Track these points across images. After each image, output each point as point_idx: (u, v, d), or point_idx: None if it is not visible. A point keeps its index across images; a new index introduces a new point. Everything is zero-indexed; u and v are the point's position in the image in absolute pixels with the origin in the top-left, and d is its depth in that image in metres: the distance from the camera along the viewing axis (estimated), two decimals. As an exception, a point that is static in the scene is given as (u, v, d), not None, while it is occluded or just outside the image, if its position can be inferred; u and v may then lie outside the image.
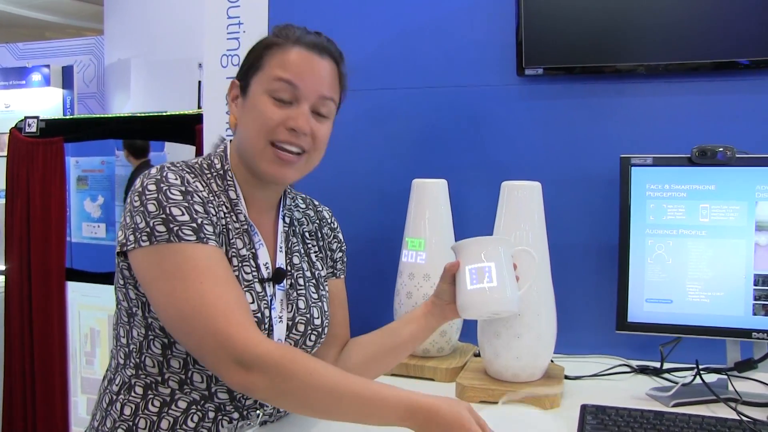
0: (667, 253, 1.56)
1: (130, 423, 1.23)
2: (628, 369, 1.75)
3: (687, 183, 1.55)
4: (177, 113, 2.47)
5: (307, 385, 1.07)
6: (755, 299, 1.52)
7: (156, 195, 1.16)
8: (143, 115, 2.75)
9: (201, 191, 1.20)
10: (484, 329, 1.57)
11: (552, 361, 1.65)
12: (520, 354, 1.51)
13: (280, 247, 1.33)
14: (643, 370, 1.73)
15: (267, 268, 1.28)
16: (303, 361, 1.10)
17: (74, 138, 2.82)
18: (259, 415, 1.29)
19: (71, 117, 2.86)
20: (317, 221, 1.46)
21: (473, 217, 1.78)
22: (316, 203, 1.49)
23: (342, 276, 1.50)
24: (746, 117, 1.74)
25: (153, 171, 1.20)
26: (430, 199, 1.74)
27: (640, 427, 1.30)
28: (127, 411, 1.24)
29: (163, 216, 1.14)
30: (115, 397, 1.26)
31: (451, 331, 1.75)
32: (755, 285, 1.52)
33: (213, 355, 1.10)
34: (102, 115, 2.68)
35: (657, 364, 1.72)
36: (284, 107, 1.24)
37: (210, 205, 1.21)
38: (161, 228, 1.14)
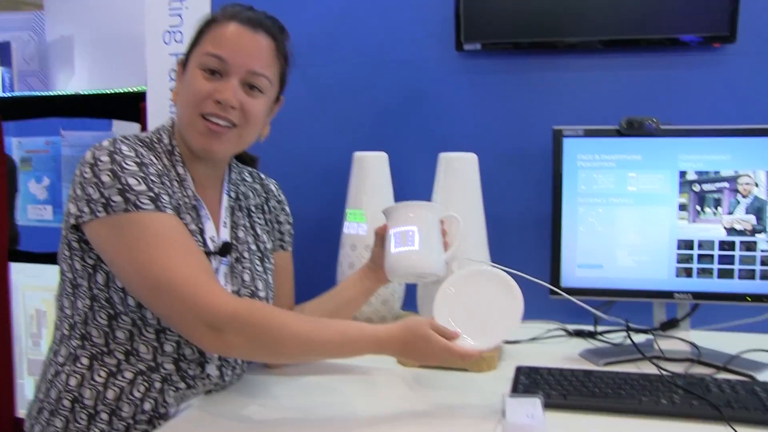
0: (597, 220, 1.59)
1: (76, 393, 1.22)
2: (563, 333, 1.80)
3: (615, 153, 1.57)
4: (121, 91, 2.44)
5: (280, 338, 1.12)
6: (678, 262, 1.56)
7: (110, 166, 1.15)
8: (86, 93, 2.71)
9: (155, 164, 1.20)
10: (424, 297, 1.60)
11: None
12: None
13: (224, 222, 1.33)
14: (578, 334, 1.78)
15: (213, 241, 1.29)
16: (273, 316, 1.14)
17: (14, 117, 2.75)
18: (205, 383, 1.29)
19: (10, 95, 2.78)
20: (264, 194, 1.46)
21: (413, 189, 1.79)
22: (263, 177, 1.49)
23: (289, 249, 1.51)
24: (671, 90, 1.79)
25: (105, 143, 1.19)
26: (371, 172, 1.76)
27: (570, 384, 1.32)
28: (73, 382, 1.23)
29: (119, 186, 1.13)
30: (60, 368, 1.26)
31: (393, 299, 1.77)
32: (678, 249, 1.56)
33: (184, 322, 1.11)
34: (43, 93, 2.63)
35: (592, 328, 1.78)
36: (213, 80, 1.24)
37: (164, 178, 1.21)
38: (117, 198, 1.13)
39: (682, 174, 1.55)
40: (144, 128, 2.14)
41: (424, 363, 1.36)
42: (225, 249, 1.30)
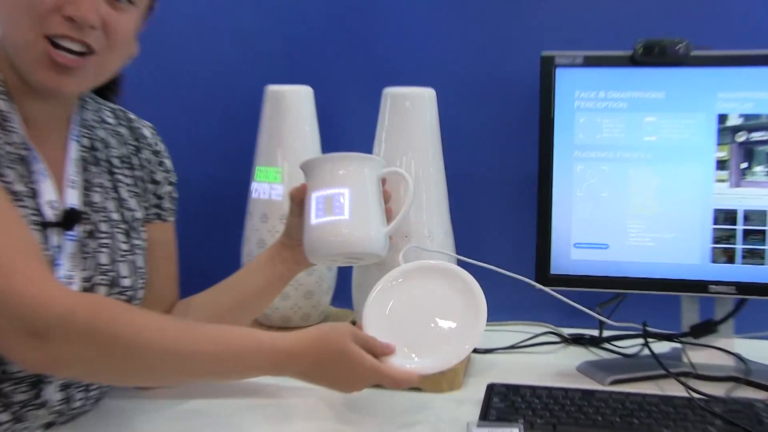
0: (601, 182, 1.59)
1: None
2: (556, 339, 1.79)
3: (628, 89, 1.57)
4: None
5: (131, 350, 1.11)
6: (714, 242, 1.56)
7: None
8: None
9: None
10: (362, 288, 1.57)
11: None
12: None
13: (72, 181, 1.31)
14: (576, 340, 1.78)
15: (53, 208, 1.26)
16: (124, 317, 1.13)
17: None
18: (41, 413, 1.26)
19: None
20: (133, 142, 1.46)
21: (347, 136, 1.81)
22: (132, 117, 1.49)
23: (171, 219, 1.52)
24: (706, 2, 1.80)
25: None
26: (290, 113, 1.75)
27: (562, 409, 1.32)
28: None
29: None
30: None
31: (320, 291, 1.78)
32: (715, 223, 1.56)
33: None
34: None
35: (595, 332, 1.76)
36: None
37: None
38: None
39: (722, 118, 1.55)
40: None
41: (343, 389, 1.31)
42: (71, 219, 1.28)
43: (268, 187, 1.74)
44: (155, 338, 1.14)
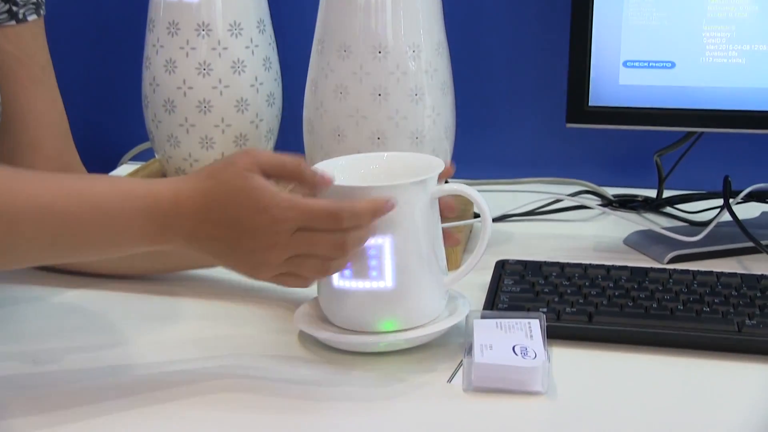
0: None
1: None
2: (595, 201, 1.83)
3: None
4: None
5: None
6: None
7: None
8: None
9: None
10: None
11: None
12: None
13: None
14: (624, 203, 1.82)
15: None
16: None
17: None
18: None
19: None
20: None
21: None
22: None
23: (33, 16, 1.50)
24: None
25: None
26: None
27: (602, 293, 1.32)
28: None
29: None
30: None
31: (256, 136, 1.83)
32: None
33: None
34: None
35: (651, 193, 1.80)
36: None
37: None
38: None
39: None
40: None
41: (250, 262, 1.26)
42: None
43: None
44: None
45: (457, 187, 1.35)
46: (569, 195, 1.80)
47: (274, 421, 1.12)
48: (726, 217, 1.58)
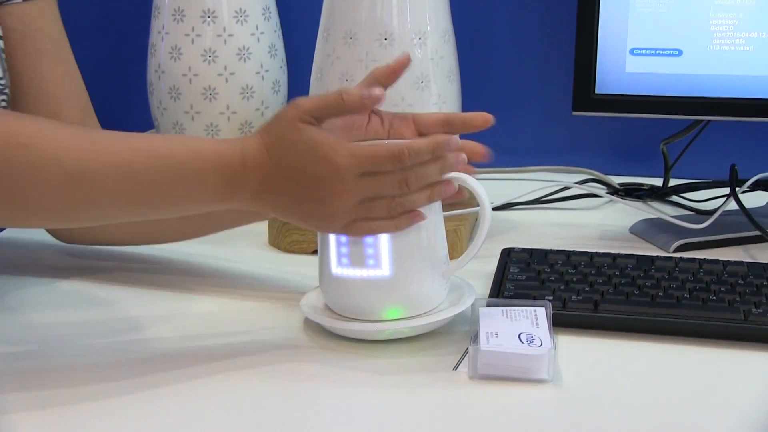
0: None
1: None
2: (601, 189, 1.82)
3: None
4: None
5: (41, 170, 1.11)
6: None
7: None
8: None
9: None
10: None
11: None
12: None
13: None
14: (630, 191, 1.82)
15: None
16: (20, 125, 1.13)
17: None
18: None
19: None
20: None
21: None
22: None
23: None
24: None
25: None
26: None
27: (608, 281, 1.32)
28: None
29: None
30: None
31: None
32: None
33: None
34: None
35: (657, 182, 1.80)
36: None
37: None
38: None
39: None
40: None
41: (321, 213, 1.25)
42: None
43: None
44: (49, 150, 1.12)
45: (455, 175, 1.32)
46: (574, 184, 1.80)
47: (280, 407, 1.12)
48: (732, 205, 1.57)
